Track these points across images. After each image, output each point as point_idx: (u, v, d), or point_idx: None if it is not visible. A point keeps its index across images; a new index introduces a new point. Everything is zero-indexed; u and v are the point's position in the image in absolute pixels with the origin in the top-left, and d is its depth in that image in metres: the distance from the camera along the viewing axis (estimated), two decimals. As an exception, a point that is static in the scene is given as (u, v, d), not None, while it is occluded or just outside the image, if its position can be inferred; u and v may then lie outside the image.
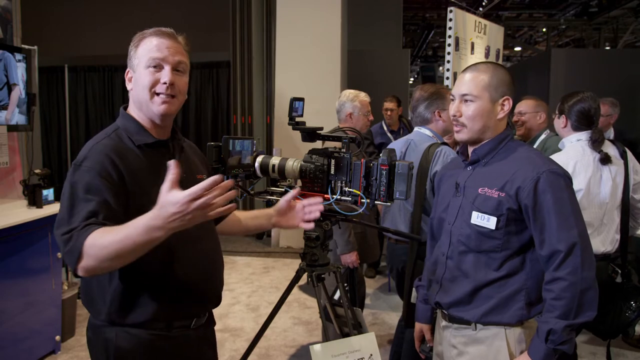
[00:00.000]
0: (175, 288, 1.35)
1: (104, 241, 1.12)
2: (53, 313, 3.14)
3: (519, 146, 1.53)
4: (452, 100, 1.57)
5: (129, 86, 1.40)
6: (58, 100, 6.90)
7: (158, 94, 1.34)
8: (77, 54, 7.02)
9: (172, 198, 1.05)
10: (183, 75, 1.38)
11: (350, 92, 2.96)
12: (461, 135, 1.55)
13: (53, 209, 3.11)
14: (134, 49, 1.37)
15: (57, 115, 6.95)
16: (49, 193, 3.19)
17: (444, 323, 1.62)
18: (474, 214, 1.48)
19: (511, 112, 1.58)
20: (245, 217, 1.73)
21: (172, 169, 1.06)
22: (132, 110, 1.41)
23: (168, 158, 1.32)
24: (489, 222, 1.45)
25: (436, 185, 1.75)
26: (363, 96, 2.93)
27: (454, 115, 1.54)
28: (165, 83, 1.32)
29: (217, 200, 1.07)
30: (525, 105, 3.20)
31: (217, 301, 1.50)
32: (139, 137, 1.36)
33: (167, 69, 1.33)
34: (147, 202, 1.17)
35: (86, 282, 1.38)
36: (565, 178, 1.42)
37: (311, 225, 1.62)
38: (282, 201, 1.66)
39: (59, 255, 3.16)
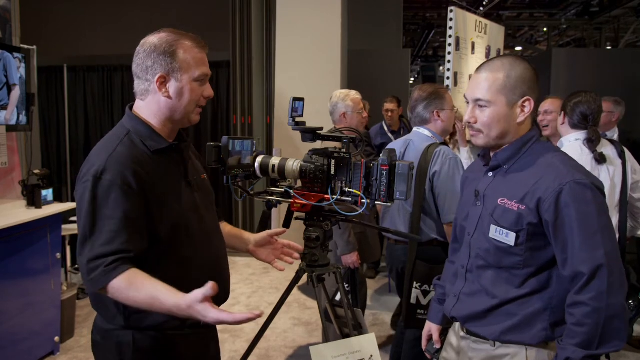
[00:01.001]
0: (191, 287, 1.36)
1: (129, 294, 1.20)
2: (52, 314, 3.14)
3: (544, 150, 1.38)
4: (467, 103, 1.43)
5: (161, 92, 1.33)
6: (57, 101, 6.89)
7: (197, 106, 1.38)
8: (77, 54, 7.01)
9: (202, 311, 1.13)
10: None
11: (340, 92, 2.96)
12: (478, 142, 1.43)
13: (52, 209, 3.12)
14: (170, 55, 1.31)
15: (56, 115, 6.94)
16: (48, 193, 3.20)
17: (462, 334, 1.53)
18: (492, 227, 1.37)
19: (535, 110, 1.44)
20: (226, 231, 1.68)
21: (210, 289, 1.13)
22: (145, 112, 1.37)
23: (179, 162, 1.40)
24: (508, 237, 1.33)
25: (460, 187, 1.66)
26: (354, 94, 2.94)
27: (469, 122, 1.41)
28: (208, 97, 1.38)
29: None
30: (551, 104, 2.94)
31: (226, 297, 1.53)
32: (153, 143, 1.35)
33: (208, 84, 1.39)
34: (163, 209, 1.29)
35: (99, 305, 1.38)
36: (593, 189, 1.26)
37: (282, 267, 1.70)
38: (264, 234, 1.70)
39: (58, 255, 3.17)
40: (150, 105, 1.36)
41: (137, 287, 1.19)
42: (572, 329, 1.25)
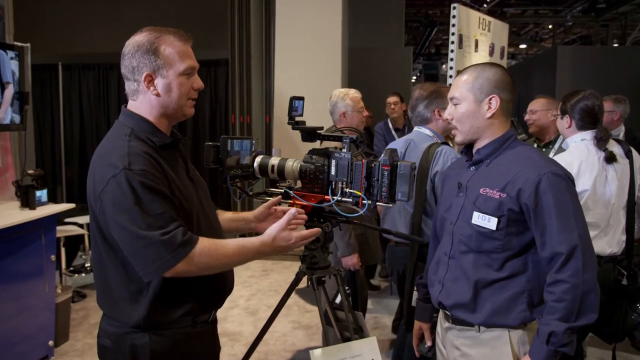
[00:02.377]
0: (204, 278, 1.40)
1: (217, 251, 1.31)
2: (46, 317, 3.14)
3: (521, 147, 1.57)
4: None
5: (150, 91, 1.36)
6: (52, 99, 6.89)
7: (189, 99, 1.40)
8: (72, 52, 7.02)
9: (285, 236, 1.40)
10: None
11: (340, 91, 2.97)
12: (456, 138, 1.63)
13: (46, 210, 3.12)
14: (153, 53, 1.34)
15: (50, 114, 6.95)
16: (42, 194, 3.20)
17: (446, 324, 1.65)
18: (475, 214, 1.52)
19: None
20: (224, 218, 1.72)
21: (292, 214, 1.43)
22: (142, 110, 1.40)
23: (178, 157, 1.45)
24: (490, 222, 1.48)
25: (440, 185, 1.79)
26: (353, 93, 2.94)
27: (447, 119, 1.64)
28: (199, 88, 1.40)
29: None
30: (537, 104, 3.25)
31: (232, 288, 1.58)
32: (157, 139, 1.38)
33: (196, 75, 1.41)
34: (180, 202, 1.34)
35: (108, 290, 1.39)
36: (566, 180, 1.44)
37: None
38: (262, 207, 1.72)
39: (53, 257, 3.17)
40: (143, 104, 1.39)
41: (221, 243, 1.32)
42: (553, 305, 1.39)
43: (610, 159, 2.24)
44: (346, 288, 2.71)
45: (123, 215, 1.24)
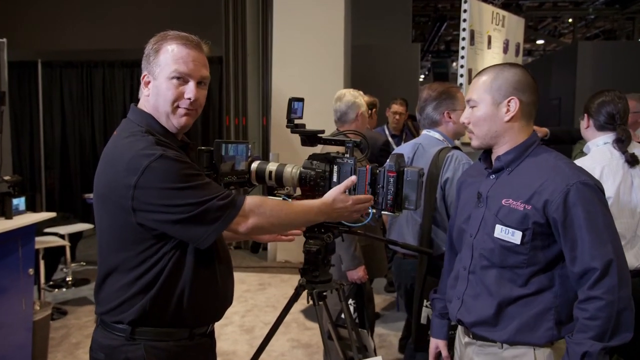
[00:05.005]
0: (203, 292, 1.46)
1: (282, 206, 1.47)
2: (23, 337, 3.13)
3: (546, 153, 1.57)
4: None
5: (145, 91, 1.46)
6: (30, 99, 6.92)
7: (179, 107, 1.43)
8: (53, 48, 7.05)
9: (343, 197, 1.55)
10: (204, 88, 1.48)
11: (352, 91, 3.01)
12: (473, 142, 1.63)
13: (24, 220, 3.12)
14: (154, 53, 1.43)
15: (29, 116, 6.97)
16: (19, 202, 3.21)
17: (466, 339, 1.65)
18: (498, 227, 1.52)
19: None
20: None
21: (351, 180, 1.58)
22: (150, 111, 1.47)
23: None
24: (514, 236, 1.49)
25: (456, 192, 1.79)
26: (361, 93, 3.02)
27: (464, 123, 1.64)
28: (189, 99, 1.42)
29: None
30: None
31: (231, 300, 1.62)
32: (169, 141, 1.43)
33: (191, 84, 1.43)
34: None
35: (109, 294, 1.44)
36: (597, 190, 1.45)
37: (292, 238, 1.83)
38: None
39: (31, 271, 3.16)
40: (144, 103, 1.48)
41: (284, 202, 1.53)
42: (586, 323, 1.39)
43: (632, 162, 2.26)
44: (352, 302, 2.73)
45: (174, 194, 1.31)
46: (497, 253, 1.52)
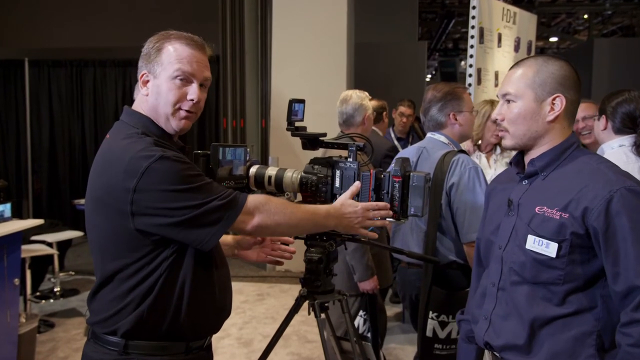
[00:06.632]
0: (200, 303, 1.47)
1: (287, 206, 1.48)
2: (7, 351, 3.12)
3: (585, 156, 1.47)
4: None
5: (143, 90, 1.47)
6: (17, 100, 6.94)
7: (180, 109, 1.46)
8: (40, 46, 7.08)
9: (352, 203, 1.57)
10: (205, 91, 1.51)
11: (359, 93, 3.02)
12: (505, 142, 1.54)
13: (10, 227, 3.13)
14: (155, 51, 1.45)
15: (15, 117, 6.99)
16: (5, 208, 3.22)
17: None
18: (530, 237, 1.43)
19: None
20: None
21: (356, 186, 1.60)
22: (146, 112, 1.48)
23: None
24: (548, 248, 1.39)
25: (485, 201, 1.73)
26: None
27: (496, 120, 1.54)
28: (192, 100, 1.44)
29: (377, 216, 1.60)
30: (588, 109, 2.99)
31: (230, 311, 1.63)
32: (166, 142, 1.45)
33: (195, 85, 1.45)
34: None
35: (103, 303, 1.45)
36: None
37: (281, 262, 1.86)
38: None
39: (16, 281, 3.17)
40: (141, 104, 1.49)
41: (291, 203, 1.55)
42: (629, 350, 1.28)
43: None
44: (363, 314, 2.74)
45: (175, 196, 1.34)
46: (529, 267, 1.42)
